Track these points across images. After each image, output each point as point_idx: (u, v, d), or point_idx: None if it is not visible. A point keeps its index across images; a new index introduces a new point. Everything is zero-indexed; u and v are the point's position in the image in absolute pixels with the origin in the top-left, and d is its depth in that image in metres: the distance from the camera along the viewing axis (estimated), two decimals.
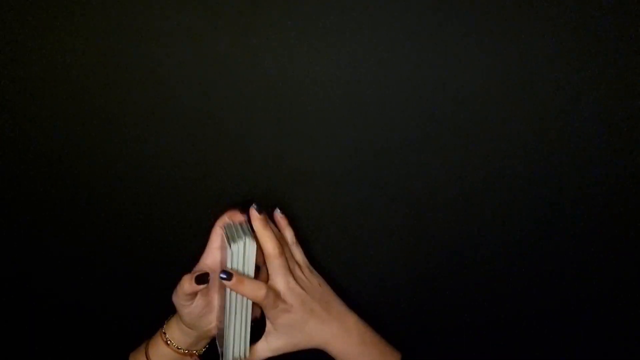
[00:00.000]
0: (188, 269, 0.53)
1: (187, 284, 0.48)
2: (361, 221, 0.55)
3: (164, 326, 0.54)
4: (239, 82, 0.51)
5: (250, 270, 0.50)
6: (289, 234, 0.54)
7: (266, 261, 0.51)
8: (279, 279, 0.50)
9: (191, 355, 0.54)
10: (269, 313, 0.50)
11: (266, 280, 0.51)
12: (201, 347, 0.55)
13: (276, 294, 0.49)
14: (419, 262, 0.56)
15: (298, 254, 0.55)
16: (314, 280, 0.54)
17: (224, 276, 0.47)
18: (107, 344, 0.64)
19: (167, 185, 0.56)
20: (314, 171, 0.54)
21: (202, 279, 0.48)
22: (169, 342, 0.52)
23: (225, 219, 0.52)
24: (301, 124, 0.52)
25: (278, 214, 0.54)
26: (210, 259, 0.53)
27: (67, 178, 0.56)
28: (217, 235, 0.52)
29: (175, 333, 0.53)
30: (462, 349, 0.60)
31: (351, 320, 0.53)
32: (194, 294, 0.49)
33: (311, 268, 0.55)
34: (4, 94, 0.52)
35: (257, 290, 0.48)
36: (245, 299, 0.49)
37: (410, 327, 0.59)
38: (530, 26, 0.46)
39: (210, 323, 0.53)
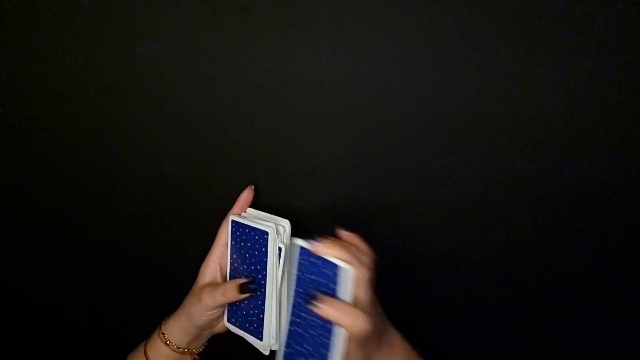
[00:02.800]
0: (186, 269, 0.53)
1: (232, 291, 0.48)
2: (361, 221, 0.55)
3: (162, 326, 0.54)
4: (239, 82, 0.51)
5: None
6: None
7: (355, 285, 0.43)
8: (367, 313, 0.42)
9: (191, 353, 0.54)
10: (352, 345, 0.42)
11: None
12: (200, 345, 0.55)
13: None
14: (419, 262, 0.56)
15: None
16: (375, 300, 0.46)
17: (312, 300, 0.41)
18: (105, 345, 0.64)
19: (167, 185, 0.56)
20: (314, 171, 0.54)
21: (247, 288, 0.47)
22: (168, 342, 0.52)
23: (235, 211, 0.52)
24: (301, 124, 0.52)
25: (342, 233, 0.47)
26: (218, 255, 0.53)
27: (67, 178, 0.56)
28: (226, 232, 0.52)
29: (175, 332, 0.52)
30: (462, 349, 0.59)
31: (397, 340, 0.48)
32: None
33: None
34: (4, 94, 0.52)
35: (357, 320, 0.40)
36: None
37: (409, 327, 0.59)
38: (530, 26, 0.46)
39: (218, 323, 0.53)
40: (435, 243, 0.55)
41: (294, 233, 0.53)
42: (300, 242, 0.46)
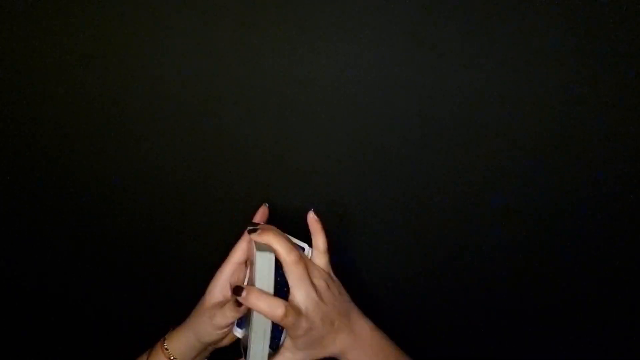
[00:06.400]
0: (189, 274, 0.52)
1: (229, 311, 0.46)
2: (361, 221, 0.55)
3: (165, 340, 0.51)
4: (239, 82, 0.51)
5: (269, 286, 0.46)
6: (320, 240, 0.51)
7: (284, 271, 0.47)
8: (300, 293, 0.46)
9: None
10: (290, 332, 0.46)
11: None
12: (203, 358, 0.53)
13: (297, 312, 0.46)
14: (419, 261, 0.56)
15: (323, 260, 0.51)
16: (335, 289, 0.50)
17: (236, 292, 0.45)
18: (109, 352, 0.62)
19: (168, 187, 0.55)
20: (314, 171, 0.54)
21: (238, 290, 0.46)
22: (172, 357, 0.50)
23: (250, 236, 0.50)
24: (301, 124, 0.52)
25: (312, 216, 0.51)
26: (229, 273, 0.51)
27: (71, 181, 0.55)
28: (241, 250, 0.51)
29: (179, 348, 0.50)
30: (462, 348, 0.59)
31: (367, 329, 0.51)
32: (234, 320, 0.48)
33: (332, 274, 0.52)
34: (4, 94, 0.52)
35: (275, 309, 0.44)
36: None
37: (410, 326, 0.59)
38: (530, 26, 0.47)
39: (219, 336, 0.50)
40: (435, 242, 0.55)
41: (295, 232, 0.53)
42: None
